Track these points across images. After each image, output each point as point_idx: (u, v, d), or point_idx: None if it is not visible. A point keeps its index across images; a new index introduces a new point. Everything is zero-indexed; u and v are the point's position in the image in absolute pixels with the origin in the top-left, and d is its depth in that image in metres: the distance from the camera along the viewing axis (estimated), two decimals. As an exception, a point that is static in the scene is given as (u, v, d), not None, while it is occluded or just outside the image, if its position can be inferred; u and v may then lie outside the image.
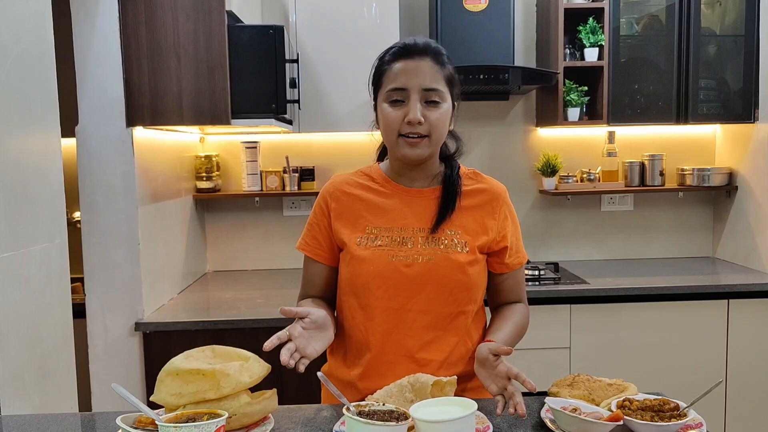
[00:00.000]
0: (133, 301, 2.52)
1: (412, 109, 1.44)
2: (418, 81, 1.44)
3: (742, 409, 2.98)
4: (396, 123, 1.45)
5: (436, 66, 1.46)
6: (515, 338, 1.54)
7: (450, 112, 1.50)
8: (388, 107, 1.47)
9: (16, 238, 1.59)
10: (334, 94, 3.08)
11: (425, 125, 1.44)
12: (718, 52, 3.24)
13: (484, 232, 1.53)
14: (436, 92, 1.45)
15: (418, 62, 1.45)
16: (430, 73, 1.45)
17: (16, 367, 1.57)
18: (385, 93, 1.47)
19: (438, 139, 1.49)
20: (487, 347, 1.37)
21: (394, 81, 1.46)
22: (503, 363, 1.34)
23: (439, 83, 1.46)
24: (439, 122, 1.46)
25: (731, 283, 3.00)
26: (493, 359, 1.35)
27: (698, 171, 3.40)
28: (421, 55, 1.45)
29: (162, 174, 2.82)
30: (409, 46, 1.47)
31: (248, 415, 1.23)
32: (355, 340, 1.54)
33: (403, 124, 1.45)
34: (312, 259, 1.59)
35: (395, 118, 1.45)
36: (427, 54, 1.46)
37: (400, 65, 1.46)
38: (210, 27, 2.41)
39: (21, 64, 1.64)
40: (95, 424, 1.44)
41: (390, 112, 1.46)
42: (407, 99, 1.45)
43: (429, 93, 1.44)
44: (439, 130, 1.47)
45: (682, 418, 1.24)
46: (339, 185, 1.59)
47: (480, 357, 1.39)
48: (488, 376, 1.37)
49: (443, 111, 1.46)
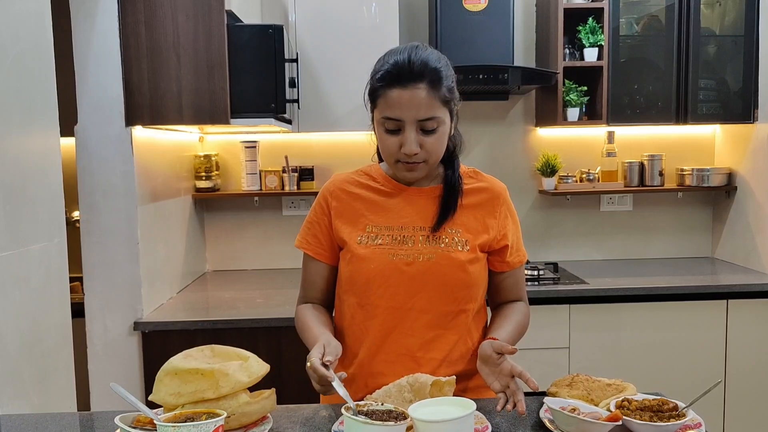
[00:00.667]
0: (133, 301, 2.52)
1: (407, 142, 1.42)
2: (412, 113, 1.41)
3: (741, 409, 2.98)
4: (393, 149, 1.45)
5: (431, 92, 1.41)
6: (516, 336, 1.54)
7: (447, 130, 1.48)
8: (383, 133, 1.46)
9: (15, 237, 1.59)
10: (333, 94, 3.08)
11: (422, 153, 1.44)
12: (718, 53, 3.24)
13: (484, 230, 1.53)
14: (432, 120, 1.42)
15: (412, 92, 1.40)
16: (425, 102, 1.40)
17: (14, 367, 1.57)
18: (380, 118, 1.45)
19: (436, 160, 1.49)
20: (491, 345, 1.37)
21: (388, 110, 1.42)
22: (507, 361, 1.34)
23: (435, 110, 1.42)
24: (435, 146, 1.45)
25: (730, 284, 3.01)
26: (497, 357, 1.35)
27: (698, 171, 3.40)
28: (416, 82, 1.40)
29: (161, 173, 2.81)
30: (403, 71, 1.40)
31: (247, 414, 1.23)
32: (354, 338, 1.54)
33: (400, 153, 1.44)
34: (312, 258, 1.59)
35: (391, 145, 1.45)
36: (423, 79, 1.40)
37: (395, 95, 1.41)
38: (209, 26, 2.41)
39: (20, 64, 1.64)
40: (94, 424, 1.44)
41: (386, 138, 1.45)
42: (402, 129, 1.43)
43: (425, 122, 1.42)
44: (437, 153, 1.47)
45: (681, 418, 1.23)
46: (339, 184, 1.59)
47: (483, 354, 1.38)
48: (491, 374, 1.37)
49: (439, 135, 1.45)
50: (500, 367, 1.35)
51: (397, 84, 1.41)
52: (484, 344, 1.40)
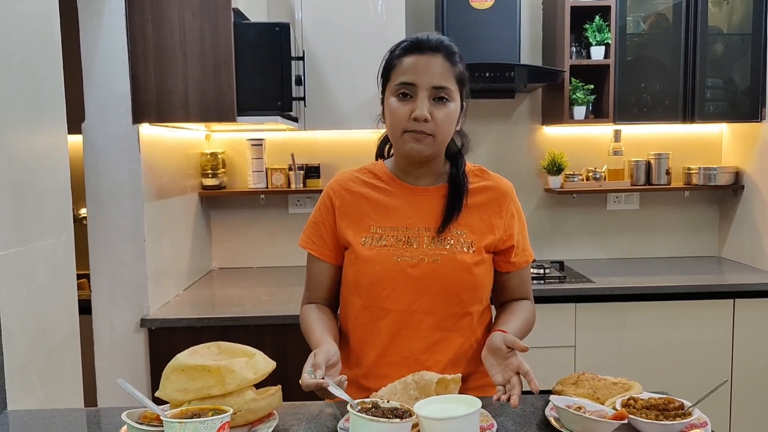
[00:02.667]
0: (139, 298, 2.53)
1: (419, 106, 1.42)
2: (427, 78, 1.42)
3: (747, 408, 2.97)
4: (402, 118, 1.43)
5: (447, 64, 1.44)
6: (523, 333, 1.53)
7: (458, 111, 1.48)
8: (395, 101, 1.45)
9: (22, 234, 1.60)
10: (339, 92, 3.08)
11: (431, 124, 1.42)
12: (725, 51, 3.22)
13: (490, 231, 1.52)
14: (445, 90, 1.43)
15: (429, 58, 1.43)
16: (441, 70, 1.43)
17: (22, 363, 1.58)
18: (394, 86, 1.45)
19: (443, 139, 1.47)
20: (504, 338, 1.35)
21: (403, 75, 1.44)
22: (517, 357, 1.33)
23: (449, 81, 1.44)
24: (445, 122, 1.44)
25: (737, 283, 3.00)
26: (506, 351, 1.34)
27: (704, 170, 3.39)
28: (433, 52, 1.43)
29: (168, 171, 2.82)
30: (422, 42, 1.45)
31: (253, 411, 1.23)
32: (358, 340, 1.54)
33: (410, 120, 1.43)
34: (317, 258, 1.58)
35: (402, 113, 1.43)
36: (440, 51, 1.44)
37: (411, 60, 1.44)
38: (216, 24, 2.41)
39: (28, 62, 1.65)
40: (101, 420, 1.45)
41: (397, 106, 1.44)
42: (415, 95, 1.43)
43: (438, 90, 1.43)
44: (445, 129, 1.45)
45: (687, 417, 1.23)
46: (343, 183, 1.57)
47: (492, 345, 1.37)
48: (496, 365, 1.36)
49: (451, 110, 1.45)
50: (508, 361, 1.34)
51: (415, 51, 1.44)
52: (495, 335, 1.39)
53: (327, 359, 1.31)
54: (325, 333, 1.47)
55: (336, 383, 1.25)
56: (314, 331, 1.49)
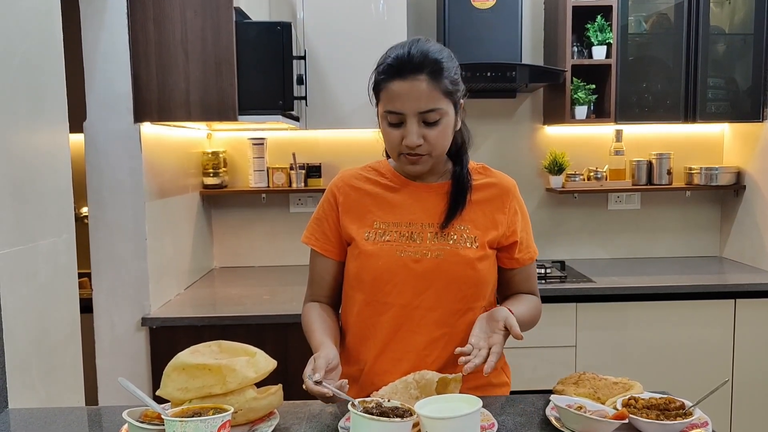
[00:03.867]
0: (140, 297, 2.53)
1: (409, 134, 1.41)
2: (413, 105, 1.40)
3: (748, 408, 2.97)
4: (396, 142, 1.44)
5: (432, 83, 1.40)
6: (528, 323, 1.54)
7: (452, 122, 1.47)
8: (386, 126, 1.45)
9: (24, 232, 1.60)
10: (341, 91, 3.08)
11: (425, 145, 1.43)
12: (727, 51, 3.22)
13: (493, 226, 1.52)
14: (434, 112, 1.41)
15: (412, 84, 1.39)
16: (426, 93, 1.39)
17: (23, 361, 1.58)
18: (383, 112, 1.45)
19: (440, 153, 1.48)
20: (506, 317, 1.39)
21: (390, 104, 1.42)
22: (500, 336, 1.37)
23: (437, 101, 1.41)
24: (438, 139, 1.44)
25: (738, 283, 2.99)
26: (501, 327, 1.38)
27: (706, 170, 3.39)
28: (416, 74, 1.39)
29: (169, 170, 2.82)
30: (403, 63, 1.40)
31: (254, 410, 1.23)
32: (361, 335, 1.54)
33: (402, 146, 1.44)
34: (320, 254, 1.58)
35: (394, 139, 1.44)
36: (423, 70, 1.39)
37: (395, 87, 1.40)
38: (218, 23, 2.42)
39: (30, 61, 1.65)
40: (101, 418, 1.45)
41: (389, 131, 1.45)
42: (404, 122, 1.42)
43: (426, 114, 1.41)
44: (440, 145, 1.46)
45: (688, 416, 1.23)
46: (347, 179, 1.58)
47: (494, 315, 1.41)
48: (482, 330, 1.40)
49: (443, 127, 1.44)
50: (493, 335, 1.37)
51: (397, 76, 1.40)
52: (502, 309, 1.42)
53: (327, 363, 1.31)
54: (325, 335, 1.47)
55: (336, 388, 1.25)
56: (315, 332, 1.49)
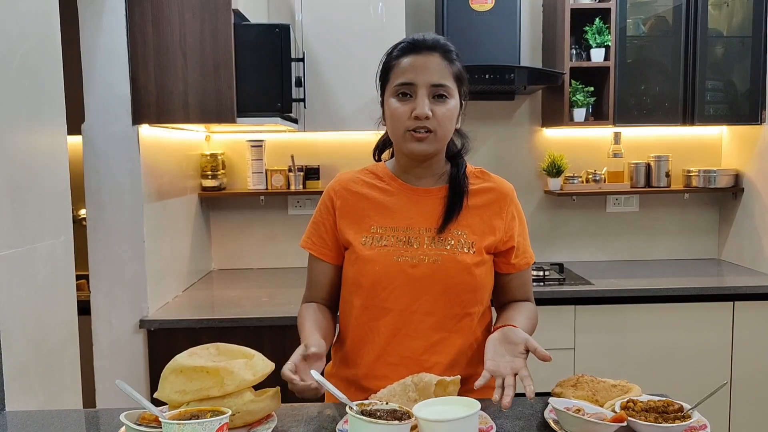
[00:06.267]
0: (138, 299, 2.53)
1: (419, 104, 1.43)
2: (426, 76, 1.44)
3: (746, 411, 2.97)
4: (403, 117, 1.45)
5: (444, 62, 1.46)
6: (530, 334, 1.52)
7: (457, 109, 1.49)
8: (395, 102, 1.46)
9: (22, 234, 1.60)
10: (339, 93, 3.08)
11: (432, 120, 1.44)
12: (725, 53, 3.22)
13: (491, 232, 1.52)
14: (444, 87, 1.45)
15: (426, 57, 1.45)
16: (439, 69, 1.45)
17: (21, 363, 1.58)
18: (393, 87, 1.47)
19: (444, 135, 1.48)
20: (526, 339, 1.36)
21: (402, 76, 1.45)
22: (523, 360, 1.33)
23: (447, 79, 1.45)
24: (445, 118, 1.45)
25: (736, 285, 2.99)
26: (521, 350, 1.34)
27: (704, 172, 3.39)
28: (430, 51, 1.45)
29: (168, 172, 2.82)
30: (418, 42, 1.47)
31: (251, 412, 1.23)
32: (358, 340, 1.53)
33: (411, 119, 1.44)
34: (317, 258, 1.58)
35: (403, 113, 1.45)
36: (436, 50, 1.46)
37: (409, 60, 1.45)
38: (216, 25, 2.42)
39: (28, 62, 1.65)
40: (99, 421, 1.44)
41: (398, 106, 1.45)
42: (415, 94, 1.44)
43: (437, 88, 1.44)
44: (446, 125, 1.46)
45: (687, 419, 1.23)
46: (344, 183, 1.58)
47: (512, 338, 1.37)
48: (498, 354, 1.35)
49: (450, 107, 1.46)
50: (514, 359, 1.33)
51: (412, 52, 1.46)
52: (519, 332, 1.38)
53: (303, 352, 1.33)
54: (313, 330, 1.47)
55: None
56: (305, 330, 1.49)
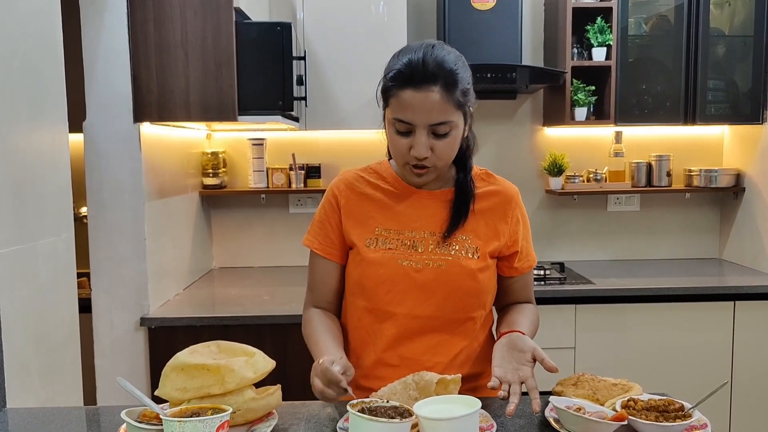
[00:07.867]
0: (139, 297, 2.53)
1: (417, 146, 1.38)
2: (424, 117, 1.36)
3: (747, 410, 2.97)
4: (403, 150, 1.41)
5: (445, 96, 1.36)
6: (533, 337, 1.52)
7: (461, 133, 1.44)
8: (394, 133, 1.42)
9: (23, 232, 1.60)
10: (340, 92, 3.08)
11: (431, 157, 1.40)
12: (727, 53, 3.22)
13: (495, 236, 1.51)
14: (445, 124, 1.38)
15: (425, 95, 1.35)
16: (438, 105, 1.36)
17: (22, 361, 1.58)
18: (392, 118, 1.41)
19: (445, 164, 1.45)
20: (534, 349, 1.34)
21: (400, 112, 1.38)
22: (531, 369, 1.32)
23: (449, 114, 1.38)
24: (445, 151, 1.41)
25: (737, 285, 2.99)
26: (529, 358, 1.34)
27: (705, 172, 3.39)
28: (429, 84, 1.35)
29: (169, 170, 2.82)
30: (416, 72, 1.35)
31: (252, 410, 1.23)
32: (360, 341, 1.53)
33: (410, 155, 1.41)
34: (322, 257, 1.55)
35: (402, 147, 1.41)
36: (437, 81, 1.35)
37: (407, 96, 1.36)
38: (218, 23, 2.42)
39: (30, 61, 1.65)
40: (100, 418, 1.45)
41: (396, 139, 1.42)
42: (413, 132, 1.39)
43: (437, 127, 1.38)
44: (447, 157, 1.43)
45: (687, 418, 1.23)
46: (348, 183, 1.56)
47: (519, 345, 1.37)
48: (506, 361, 1.35)
49: (451, 139, 1.41)
50: (521, 367, 1.33)
51: (409, 85, 1.36)
52: (527, 340, 1.38)
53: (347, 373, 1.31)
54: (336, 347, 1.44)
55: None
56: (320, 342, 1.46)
